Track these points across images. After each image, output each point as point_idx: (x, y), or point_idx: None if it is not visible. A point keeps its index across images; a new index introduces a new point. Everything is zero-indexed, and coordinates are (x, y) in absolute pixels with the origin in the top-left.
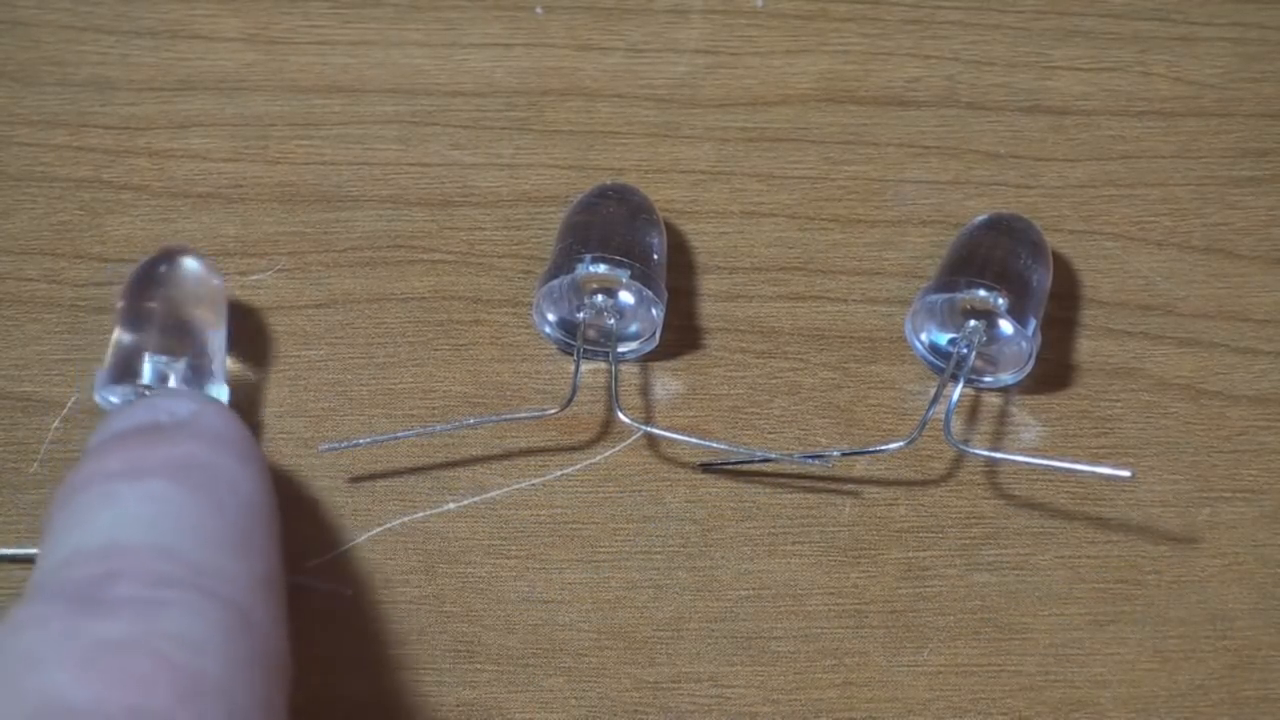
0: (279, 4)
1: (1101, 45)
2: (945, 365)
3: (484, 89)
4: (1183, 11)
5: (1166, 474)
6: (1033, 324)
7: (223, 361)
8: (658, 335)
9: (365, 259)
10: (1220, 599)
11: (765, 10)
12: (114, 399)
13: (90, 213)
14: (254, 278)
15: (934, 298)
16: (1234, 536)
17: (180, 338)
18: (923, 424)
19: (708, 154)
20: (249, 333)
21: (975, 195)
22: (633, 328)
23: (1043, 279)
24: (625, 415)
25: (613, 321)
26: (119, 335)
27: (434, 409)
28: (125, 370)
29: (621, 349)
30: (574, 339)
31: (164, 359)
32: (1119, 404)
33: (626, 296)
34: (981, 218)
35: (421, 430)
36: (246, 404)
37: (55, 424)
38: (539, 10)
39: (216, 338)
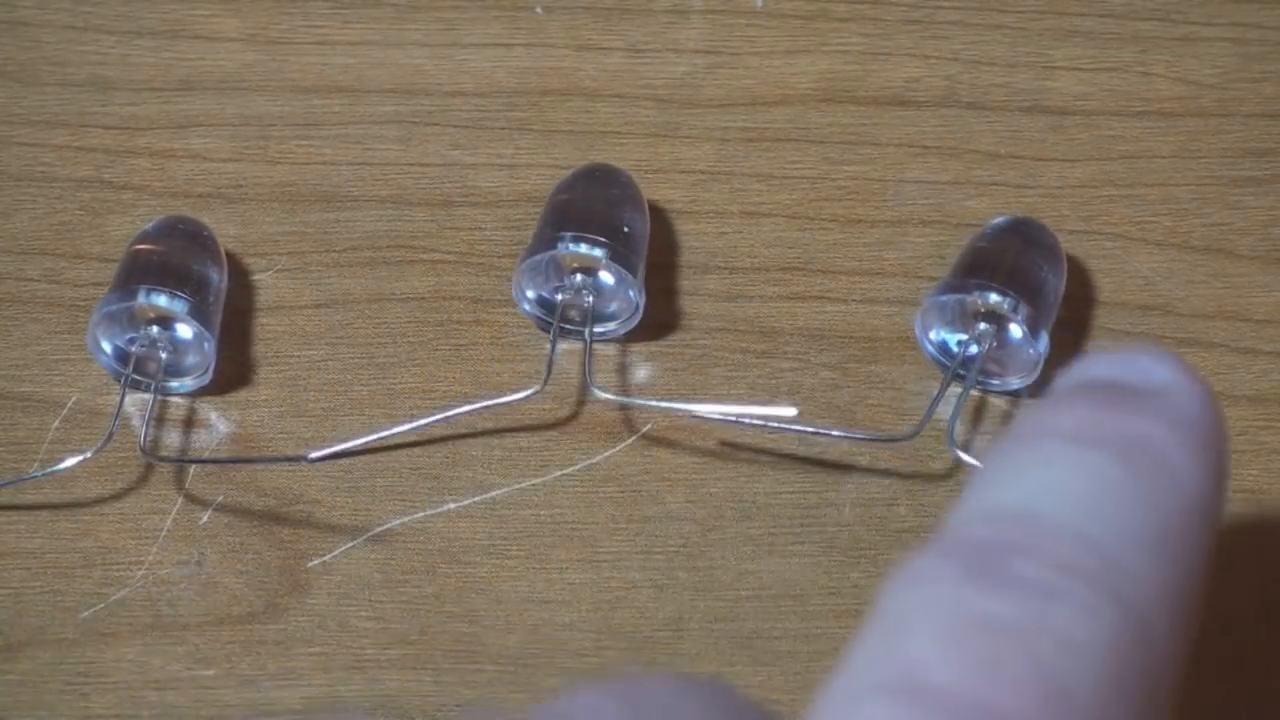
0: (279, 4)
1: (1101, 45)
2: (950, 364)
3: (484, 89)
4: (1183, 11)
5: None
6: (1044, 334)
7: None
8: (638, 316)
9: (365, 259)
10: (1219, 599)
11: (765, 10)
12: None
13: (90, 213)
14: (254, 278)
15: (945, 298)
16: (1234, 536)
17: None
18: (926, 418)
19: (708, 154)
20: (248, 333)
21: (975, 195)
22: (611, 307)
23: (1057, 286)
24: (599, 389)
25: (590, 300)
26: None
27: (434, 409)
28: None
29: (601, 329)
30: (552, 317)
31: None
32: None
33: (606, 276)
34: (1000, 219)
35: (409, 426)
36: (246, 405)
37: (55, 424)
38: (539, 10)
39: None
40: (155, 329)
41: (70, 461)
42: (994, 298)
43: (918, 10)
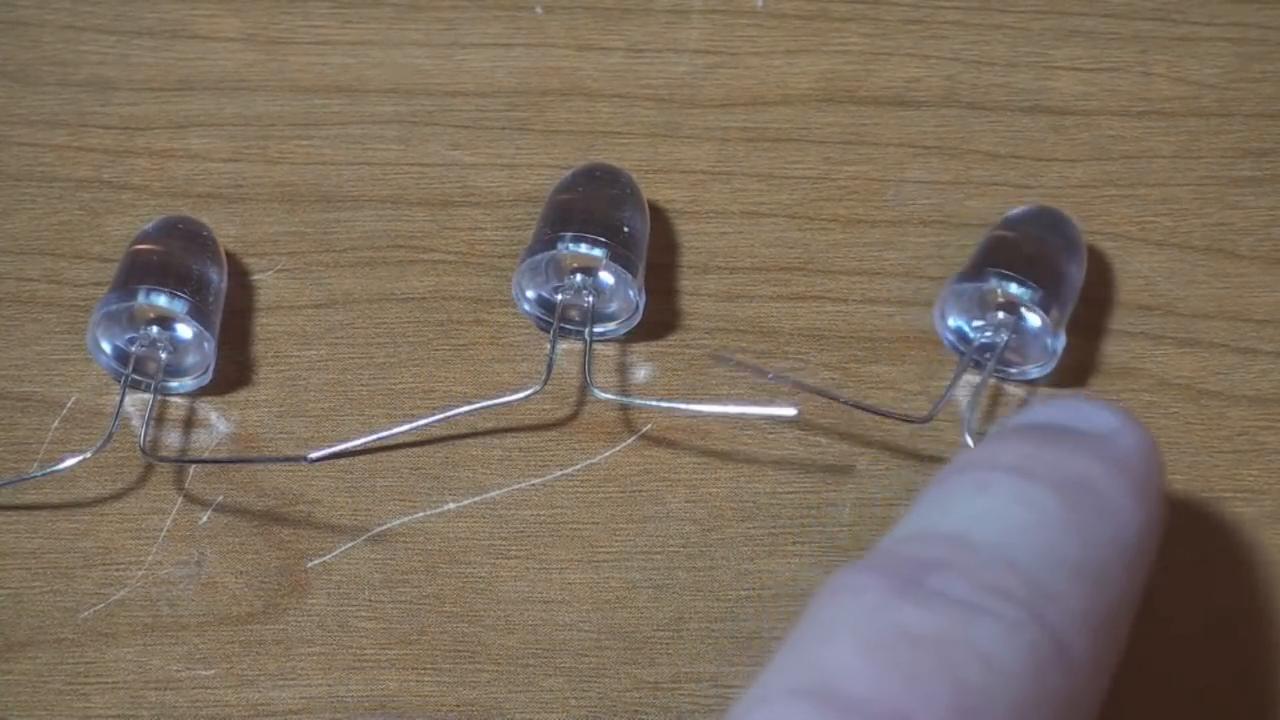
0: (279, 4)
1: (1101, 45)
2: (966, 351)
3: (484, 89)
4: (1183, 11)
5: (1166, 474)
6: (1062, 324)
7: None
8: (638, 316)
9: (365, 259)
10: (1220, 599)
11: (765, 10)
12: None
13: (90, 213)
14: (254, 278)
15: (964, 285)
16: (1234, 536)
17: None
18: (942, 402)
19: (708, 154)
20: (248, 333)
21: (975, 195)
22: (611, 307)
23: (1077, 277)
24: (599, 389)
25: (590, 300)
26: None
27: (434, 409)
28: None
29: (601, 329)
30: (552, 317)
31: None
32: (1119, 404)
33: (606, 276)
34: (1021, 209)
35: (409, 426)
36: (245, 405)
37: (55, 424)
38: (539, 10)
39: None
40: (155, 329)
41: (70, 461)
42: (1014, 288)
43: (918, 10)
